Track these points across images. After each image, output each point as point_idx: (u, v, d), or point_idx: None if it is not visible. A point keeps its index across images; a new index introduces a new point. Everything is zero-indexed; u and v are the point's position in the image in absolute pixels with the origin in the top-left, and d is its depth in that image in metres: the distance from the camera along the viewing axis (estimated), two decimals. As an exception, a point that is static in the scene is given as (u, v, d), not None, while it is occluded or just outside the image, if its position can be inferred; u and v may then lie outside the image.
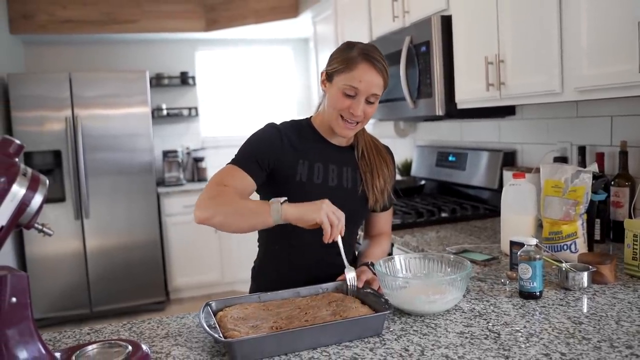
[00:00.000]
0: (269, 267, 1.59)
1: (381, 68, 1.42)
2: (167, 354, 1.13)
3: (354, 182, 1.54)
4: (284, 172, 1.46)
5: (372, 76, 1.40)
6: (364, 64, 1.40)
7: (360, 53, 1.41)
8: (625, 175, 1.87)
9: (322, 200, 1.29)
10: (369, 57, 1.41)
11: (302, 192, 1.45)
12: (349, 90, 1.40)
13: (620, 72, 1.47)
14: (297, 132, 1.52)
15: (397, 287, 1.29)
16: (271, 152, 1.45)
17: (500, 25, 1.96)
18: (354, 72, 1.40)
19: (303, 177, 1.47)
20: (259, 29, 4.70)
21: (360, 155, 1.56)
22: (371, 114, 1.46)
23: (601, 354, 1.03)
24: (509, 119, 2.58)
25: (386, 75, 1.44)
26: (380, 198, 1.55)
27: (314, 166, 1.49)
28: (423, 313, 1.27)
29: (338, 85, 1.42)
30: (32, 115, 4.01)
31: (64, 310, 4.15)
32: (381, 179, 1.55)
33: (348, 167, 1.54)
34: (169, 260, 4.52)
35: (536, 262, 1.34)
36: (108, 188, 4.21)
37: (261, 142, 1.47)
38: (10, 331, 0.93)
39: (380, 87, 1.43)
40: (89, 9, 4.37)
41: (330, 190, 1.49)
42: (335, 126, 1.46)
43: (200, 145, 5.18)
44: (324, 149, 1.53)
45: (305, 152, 1.49)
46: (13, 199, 0.94)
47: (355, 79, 1.39)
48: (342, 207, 1.44)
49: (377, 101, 1.46)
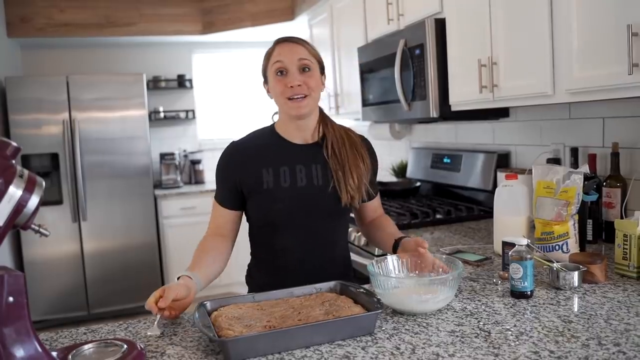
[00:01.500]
0: (258, 273, 1.64)
1: (297, 40, 1.51)
2: (162, 353, 1.15)
3: (325, 179, 1.53)
4: (251, 185, 1.51)
5: (290, 47, 1.49)
6: (279, 44, 1.51)
7: (274, 43, 1.53)
8: (617, 176, 1.89)
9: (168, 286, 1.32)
10: (282, 39, 1.53)
11: (271, 198, 1.50)
12: (277, 68, 1.48)
13: (611, 74, 1.48)
14: (258, 140, 1.58)
15: (390, 287, 1.30)
16: (231, 174, 1.54)
17: (493, 28, 1.98)
18: (274, 53, 1.51)
19: (270, 184, 1.50)
20: (255, 32, 4.72)
21: (330, 153, 1.54)
22: (315, 83, 1.49)
23: (589, 351, 1.05)
24: (502, 120, 2.60)
25: (308, 45, 1.51)
26: (356, 194, 1.53)
27: (279, 170, 1.51)
28: (415, 312, 1.29)
29: (271, 75, 1.51)
30: (30, 118, 4.03)
31: (62, 313, 4.16)
32: (355, 175, 1.53)
33: (317, 164, 1.54)
34: (166, 263, 4.53)
35: (527, 262, 1.36)
36: (105, 190, 4.22)
37: (221, 169, 1.57)
38: (7, 330, 0.95)
39: (305, 54, 1.49)
40: (87, 13, 4.39)
41: (300, 190, 1.51)
42: (288, 110, 1.50)
43: (197, 148, 5.19)
44: (288, 151, 1.54)
45: (268, 159, 1.52)
46: (10, 200, 0.95)
47: (276, 57, 1.49)
48: (316, 205, 1.51)
49: (314, 71, 1.50)
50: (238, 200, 1.56)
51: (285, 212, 1.51)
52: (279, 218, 1.52)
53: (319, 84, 1.52)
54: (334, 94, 3.68)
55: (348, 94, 3.48)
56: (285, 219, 1.52)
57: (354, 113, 3.35)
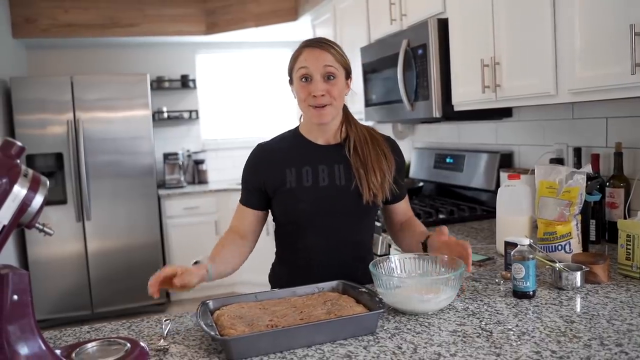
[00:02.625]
0: (281, 271, 1.66)
1: (325, 46, 1.50)
2: (165, 351, 1.15)
3: (347, 178, 1.54)
4: (274, 185, 1.53)
5: (316, 54, 1.48)
6: (306, 49, 1.50)
7: (303, 44, 1.53)
8: (620, 176, 1.89)
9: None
10: (310, 42, 1.53)
11: (293, 197, 1.52)
12: (302, 74, 1.49)
13: (613, 74, 1.48)
14: (282, 142, 1.60)
15: (392, 287, 1.31)
16: (255, 175, 1.56)
17: (495, 28, 1.98)
18: (300, 58, 1.50)
19: (292, 184, 1.52)
20: (258, 32, 4.72)
21: (352, 151, 1.55)
22: (338, 92, 1.50)
23: (591, 351, 1.05)
24: (505, 120, 2.60)
25: (335, 51, 1.51)
26: (379, 192, 1.53)
27: (301, 171, 1.53)
28: (417, 312, 1.29)
29: (296, 79, 1.52)
30: (35, 118, 4.04)
31: (66, 312, 4.18)
32: (377, 173, 1.53)
33: (340, 164, 1.55)
34: (170, 262, 4.54)
35: (529, 262, 1.36)
36: (109, 190, 4.23)
37: (246, 170, 1.60)
38: (11, 328, 0.96)
39: (332, 61, 1.49)
40: (91, 13, 4.41)
41: (322, 190, 1.53)
42: (311, 117, 1.52)
43: (201, 148, 5.20)
44: (311, 151, 1.56)
45: (291, 160, 1.54)
46: (15, 199, 0.96)
47: (302, 62, 1.49)
48: (338, 204, 1.52)
49: (338, 78, 1.50)
50: (262, 200, 1.58)
51: (308, 211, 1.53)
52: (301, 217, 1.54)
53: (342, 91, 1.53)
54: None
55: (351, 94, 3.45)
56: (308, 218, 1.54)
57: (356, 113, 3.31)
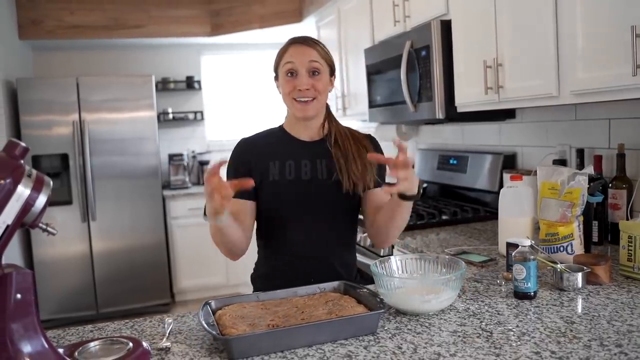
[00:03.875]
0: (262, 269, 1.66)
1: (310, 43, 1.54)
2: (167, 350, 1.16)
3: (329, 172, 1.57)
4: (259, 177, 1.55)
5: (302, 50, 1.53)
6: (292, 45, 1.54)
7: (289, 41, 1.57)
8: (623, 177, 1.88)
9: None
10: (296, 39, 1.55)
11: (276, 190, 1.55)
12: (288, 69, 1.52)
13: (615, 75, 1.48)
14: (267, 138, 1.62)
15: (393, 287, 1.31)
16: (243, 165, 1.57)
17: (498, 30, 1.98)
18: (286, 54, 1.54)
19: (275, 177, 1.56)
20: (263, 34, 4.74)
21: (333, 143, 1.58)
22: (322, 87, 1.53)
23: (590, 352, 1.05)
24: (509, 122, 2.60)
25: (320, 48, 1.54)
26: (359, 181, 1.54)
27: (285, 164, 1.56)
28: (418, 312, 1.30)
29: (281, 74, 1.55)
30: (40, 119, 4.07)
31: (71, 312, 4.20)
32: (358, 162, 1.55)
33: (322, 159, 1.58)
34: (175, 263, 4.57)
35: (530, 263, 1.36)
36: (114, 191, 4.26)
37: (234, 161, 1.60)
38: (15, 326, 0.97)
39: (316, 57, 1.52)
40: (96, 15, 4.43)
41: (304, 183, 1.56)
42: (295, 111, 1.55)
43: (206, 149, 5.23)
44: (295, 147, 1.59)
45: (275, 154, 1.57)
46: (18, 199, 0.97)
47: (287, 58, 1.53)
48: (319, 197, 1.54)
49: (323, 74, 1.53)
50: (250, 194, 1.55)
51: (289, 204, 1.55)
52: (283, 210, 1.56)
53: (326, 86, 1.56)
54: (341, 95, 3.69)
55: (355, 95, 3.49)
56: (290, 211, 1.56)
57: (360, 114, 3.36)
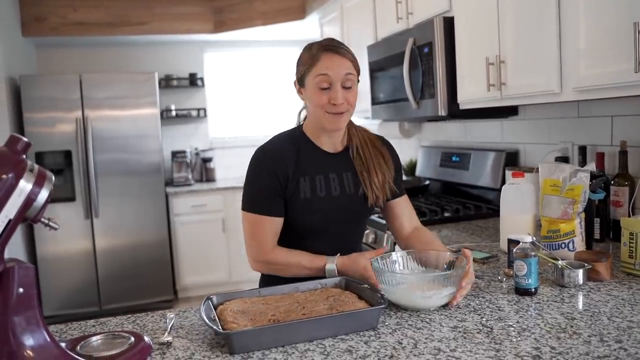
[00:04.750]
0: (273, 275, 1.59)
1: (344, 52, 1.46)
2: (169, 345, 1.17)
3: (355, 185, 1.55)
4: (289, 192, 1.49)
5: (337, 61, 1.44)
6: (326, 53, 1.45)
7: (319, 47, 1.47)
8: (625, 174, 1.88)
9: (361, 255, 1.44)
10: (329, 47, 1.46)
11: (308, 208, 1.50)
12: (322, 82, 1.44)
13: (617, 72, 1.48)
14: (293, 147, 1.52)
15: (394, 283, 1.31)
16: (277, 180, 1.47)
17: (501, 27, 1.98)
18: (320, 63, 1.44)
19: (307, 194, 1.49)
20: (266, 31, 4.74)
21: (354, 155, 1.56)
22: (354, 99, 1.49)
23: (590, 347, 1.05)
24: (511, 119, 2.60)
25: (352, 57, 1.48)
26: (380, 193, 1.55)
27: (315, 180, 1.51)
28: (419, 308, 1.30)
29: (312, 84, 1.46)
30: (44, 116, 4.08)
31: (74, 308, 4.22)
32: (379, 174, 1.55)
33: (348, 172, 1.55)
34: (177, 260, 4.58)
35: (531, 259, 1.36)
36: (117, 188, 4.27)
37: (264, 175, 1.48)
38: (17, 319, 0.97)
39: (350, 68, 1.46)
40: (100, 12, 4.44)
41: (335, 199, 1.52)
42: (326, 123, 1.48)
43: (209, 146, 5.23)
44: (321, 159, 1.53)
45: (304, 168, 1.50)
46: (21, 193, 0.98)
47: (323, 69, 1.44)
48: (348, 212, 1.51)
49: (355, 85, 1.49)
50: (282, 208, 1.50)
51: (321, 221, 1.52)
52: (313, 226, 1.53)
53: (356, 98, 1.51)
54: (344, 93, 3.68)
55: (358, 93, 3.48)
56: (320, 227, 1.53)
57: (363, 111, 3.35)
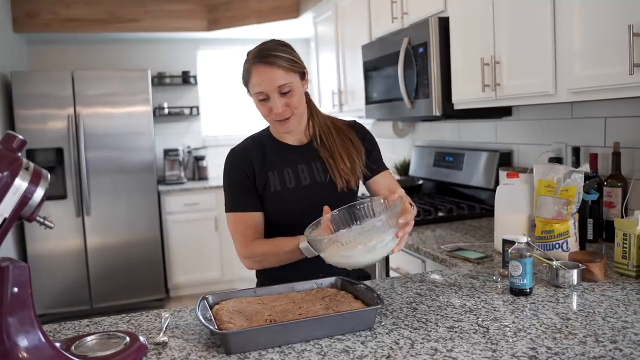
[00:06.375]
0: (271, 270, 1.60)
1: (272, 59, 1.42)
2: (164, 345, 1.16)
3: (325, 173, 1.57)
4: (260, 187, 1.55)
5: (268, 74, 1.42)
6: (255, 67, 1.44)
7: (250, 59, 1.46)
8: (618, 176, 1.89)
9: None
10: (258, 58, 1.44)
11: (279, 200, 1.54)
12: (260, 96, 1.46)
13: (612, 73, 1.49)
14: (258, 146, 1.58)
15: (330, 244, 1.25)
16: (246, 176, 1.54)
17: (496, 27, 1.98)
18: (252, 79, 1.45)
19: (277, 187, 1.54)
20: (260, 29, 4.72)
21: (319, 143, 1.57)
22: (297, 102, 1.47)
23: (586, 348, 1.06)
24: (505, 119, 2.61)
25: (282, 61, 1.43)
26: (350, 177, 1.56)
27: (283, 173, 1.55)
28: (367, 263, 1.26)
29: (253, 97, 1.49)
30: (35, 113, 4.05)
31: (65, 307, 4.19)
32: (345, 158, 1.55)
33: (316, 161, 1.57)
34: (169, 258, 4.56)
35: (526, 260, 1.37)
36: (109, 186, 4.24)
37: (234, 174, 1.56)
38: (11, 320, 0.96)
39: (282, 77, 1.43)
40: (92, 8, 4.41)
41: (305, 189, 1.55)
42: (277, 129, 1.54)
43: (201, 144, 5.22)
44: (288, 153, 1.57)
45: (272, 163, 1.55)
46: (16, 192, 0.97)
47: (256, 85, 1.45)
48: (321, 199, 1.50)
49: (294, 89, 1.46)
50: (259, 199, 1.55)
51: (293, 211, 1.54)
52: (288, 217, 1.55)
53: (301, 96, 1.49)
54: (338, 92, 3.69)
55: (352, 92, 3.49)
56: (294, 217, 1.54)
57: (357, 110, 3.36)
